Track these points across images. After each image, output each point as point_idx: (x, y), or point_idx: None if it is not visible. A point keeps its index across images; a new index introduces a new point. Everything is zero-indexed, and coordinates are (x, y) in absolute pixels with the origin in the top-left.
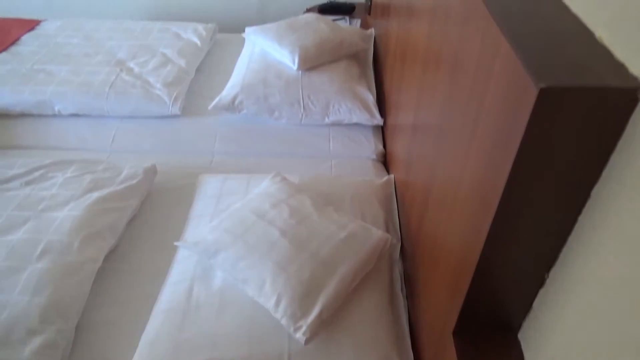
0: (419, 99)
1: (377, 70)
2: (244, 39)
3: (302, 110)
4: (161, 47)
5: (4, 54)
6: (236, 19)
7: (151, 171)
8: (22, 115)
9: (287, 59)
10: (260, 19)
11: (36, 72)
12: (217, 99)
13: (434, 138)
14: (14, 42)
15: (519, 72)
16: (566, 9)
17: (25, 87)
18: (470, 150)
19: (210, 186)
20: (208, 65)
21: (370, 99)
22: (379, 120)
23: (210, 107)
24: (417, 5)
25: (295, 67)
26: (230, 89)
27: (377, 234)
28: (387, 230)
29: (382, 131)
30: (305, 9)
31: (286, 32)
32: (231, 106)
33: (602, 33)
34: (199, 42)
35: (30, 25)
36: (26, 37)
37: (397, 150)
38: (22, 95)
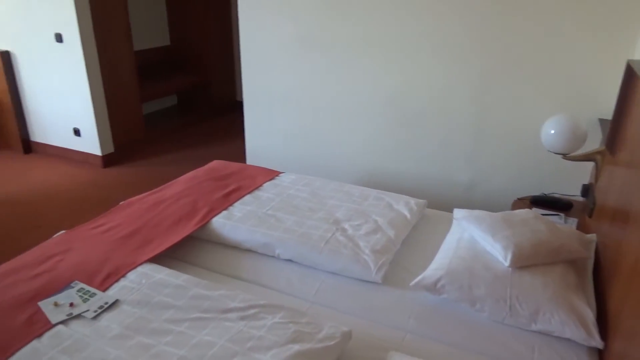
0: None
1: (597, 283)
2: (450, 218)
3: (507, 309)
4: (374, 214)
5: (248, 196)
6: (444, 196)
7: (347, 336)
8: (249, 251)
9: (499, 253)
10: (467, 200)
11: (269, 217)
12: (420, 277)
13: None
14: (257, 187)
15: None
16: None
17: (258, 229)
18: None
19: None
20: (413, 239)
21: (590, 316)
22: (598, 343)
23: (411, 283)
24: None
25: (506, 264)
26: (434, 270)
27: None
28: None
29: (599, 355)
30: (515, 198)
31: (501, 226)
32: (432, 288)
33: None
34: (408, 215)
35: (272, 175)
36: (267, 185)
37: None
38: (254, 234)
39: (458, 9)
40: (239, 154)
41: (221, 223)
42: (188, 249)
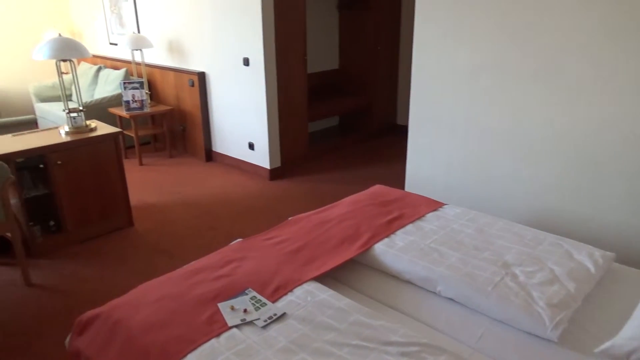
0: None
1: None
2: None
3: None
4: (550, 262)
5: (411, 225)
6: (635, 250)
7: None
8: (408, 283)
9: None
10: None
11: (432, 250)
12: (608, 344)
13: None
14: (420, 217)
15: None
16: None
17: (420, 261)
18: None
19: None
20: (598, 296)
21: None
22: None
23: (597, 350)
24: None
25: None
26: (627, 339)
27: None
28: None
29: None
30: None
31: None
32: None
33: None
34: (592, 269)
35: (435, 206)
36: (430, 216)
37: None
38: (415, 266)
39: None
40: (397, 178)
41: (383, 250)
42: (348, 272)
